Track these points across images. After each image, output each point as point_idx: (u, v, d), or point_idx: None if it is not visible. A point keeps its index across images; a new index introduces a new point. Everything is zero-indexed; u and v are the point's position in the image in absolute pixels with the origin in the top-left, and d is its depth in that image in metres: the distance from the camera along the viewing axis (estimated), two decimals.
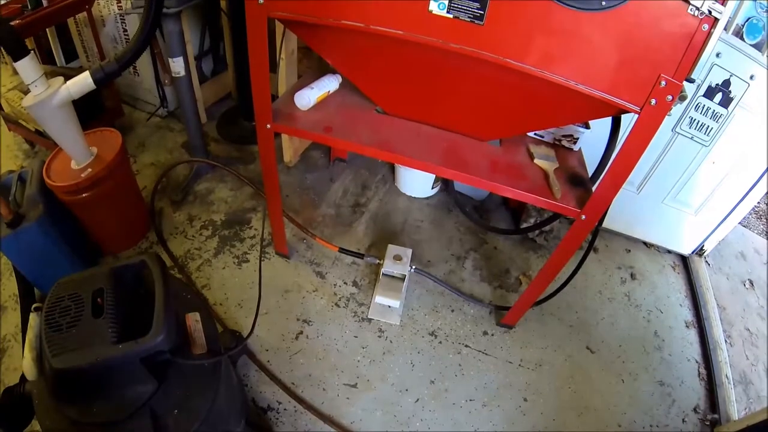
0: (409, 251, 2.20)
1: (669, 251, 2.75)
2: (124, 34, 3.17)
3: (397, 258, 2.16)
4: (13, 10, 3.22)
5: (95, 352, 1.03)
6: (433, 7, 1.21)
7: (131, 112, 3.40)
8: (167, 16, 2.20)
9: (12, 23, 2.58)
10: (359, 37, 1.39)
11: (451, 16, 1.22)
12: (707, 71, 2.04)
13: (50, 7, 2.92)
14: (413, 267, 2.18)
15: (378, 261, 2.22)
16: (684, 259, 2.74)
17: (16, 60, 1.89)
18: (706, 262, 2.71)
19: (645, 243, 2.76)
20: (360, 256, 2.28)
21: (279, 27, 2.15)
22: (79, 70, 2.20)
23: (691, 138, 2.25)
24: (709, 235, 2.60)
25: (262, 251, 2.39)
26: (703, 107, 2.14)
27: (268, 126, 1.67)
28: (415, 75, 1.55)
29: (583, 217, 1.52)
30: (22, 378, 1.26)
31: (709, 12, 1.04)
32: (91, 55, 3.44)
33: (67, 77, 2.14)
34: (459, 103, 1.61)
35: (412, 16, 1.24)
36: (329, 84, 1.80)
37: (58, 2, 2.95)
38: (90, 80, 1.99)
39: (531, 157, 1.70)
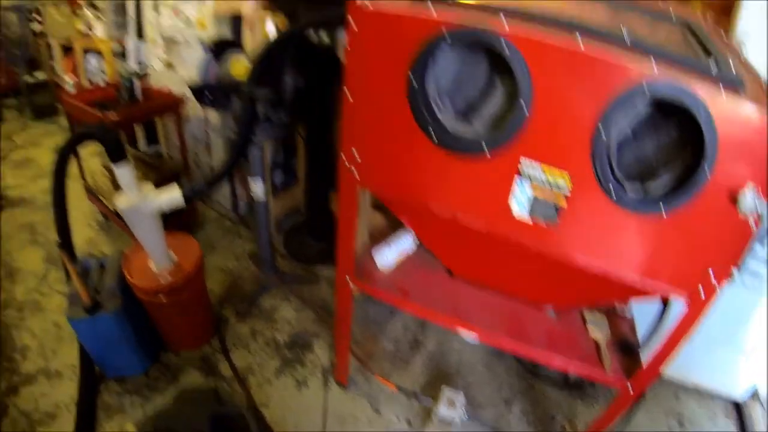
0: (462, 396, 2.27)
1: (721, 396, 2.68)
2: (206, 137, 3.58)
3: (450, 402, 2.24)
4: (109, 94, 3.71)
5: None
6: (514, 207, 1.39)
7: (203, 210, 3.77)
8: (254, 144, 2.50)
9: (109, 114, 3.01)
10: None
11: (528, 217, 1.38)
12: None
13: (146, 105, 3.39)
14: (465, 413, 2.26)
15: (432, 403, 2.32)
16: (737, 405, 2.65)
17: (115, 163, 2.17)
18: (761, 405, 2.61)
19: (695, 388, 2.70)
20: (415, 396, 2.41)
21: None
22: (158, 159, 2.50)
23: (743, 284, 2.27)
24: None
25: (327, 382, 2.54)
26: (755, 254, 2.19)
27: (350, 283, 1.88)
28: (486, 248, 1.72)
29: (631, 390, 1.63)
30: None
31: (757, 210, 1.17)
32: (171, 145, 3.90)
33: (147, 163, 2.44)
34: (523, 274, 1.75)
35: (493, 212, 1.42)
36: (406, 244, 1.99)
37: (154, 102, 3.43)
38: (180, 198, 2.27)
39: (584, 320, 1.80)
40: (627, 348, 1.75)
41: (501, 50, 1.23)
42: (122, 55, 4.83)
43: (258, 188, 2.67)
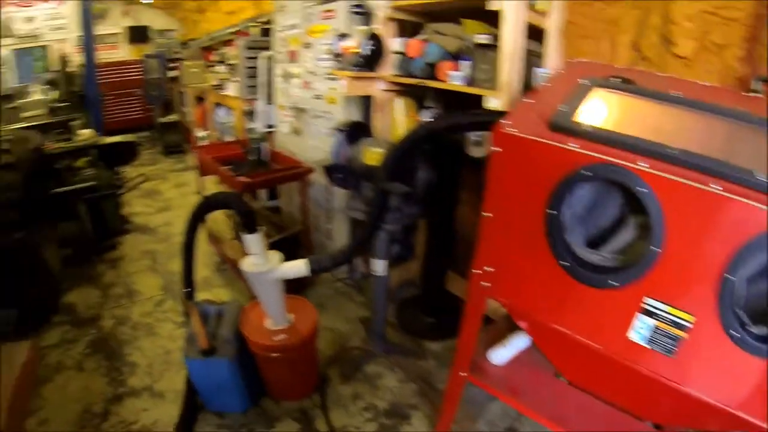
0: None
1: None
2: (327, 203, 3.85)
3: None
4: (238, 152, 4.09)
5: None
6: (633, 336, 1.42)
7: None
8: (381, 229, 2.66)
9: (241, 179, 3.31)
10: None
11: (647, 346, 1.41)
12: None
13: (275, 172, 3.70)
14: None
15: None
16: None
17: (248, 234, 2.38)
18: None
19: None
20: None
21: None
22: (278, 215, 2.65)
23: None
24: None
25: None
26: None
27: (463, 375, 2.00)
28: (600, 363, 1.78)
29: None
30: None
31: None
32: (291, 204, 4.27)
33: (267, 218, 2.58)
34: (632, 389, 1.76)
35: (611, 337, 1.47)
36: (522, 344, 2.11)
37: (283, 169, 3.72)
38: (305, 270, 2.46)
39: None
40: None
41: (635, 188, 1.31)
42: (251, 114, 5.32)
43: (379, 267, 2.83)
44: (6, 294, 3.35)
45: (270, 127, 4.90)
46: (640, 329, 1.42)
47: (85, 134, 5.12)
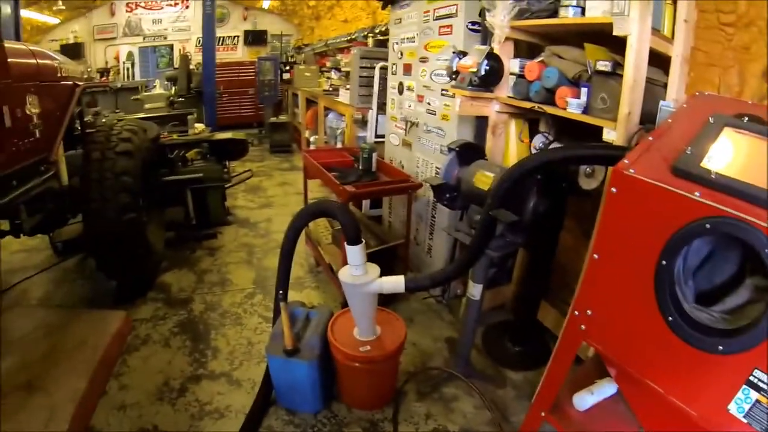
0: None
1: None
2: (432, 218, 3.86)
3: None
4: (346, 160, 4.22)
5: None
6: (732, 406, 1.29)
7: None
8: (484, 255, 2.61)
9: (348, 188, 3.38)
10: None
11: (744, 421, 1.27)
12: None
13: (383, 184, 3.75)
14: None
15: None
16: None
17: (349, 244, 2.44)
18: None
19: None
20: None
21: None
22: (379, 225, 2.69)
23: None
24: None
25: None
26: None
27: (543, 414, 1.94)
28: (691, 427, 1.68)
29: None
30: None
31: None
32: (393, 214, 4.41)
33: (368, 227, 2.61)
34: None
35: (708, 404, 1.35)
36: (607, 391, 2.01)
37: (391, 182, 3.77)
38: (402, 286, 2.46)
39: None
40: None
41: (761, 249, 1.19)
42: (361, 121, 5.45)
43: (476, 291, 2.81)
44: (111, 267, 3.64)
45: (379, 137, 4.99)
46: (741, 402, 1.29)
47: (199, 128, 5.49)
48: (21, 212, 3.06)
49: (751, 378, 1.25)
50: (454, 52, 3.32)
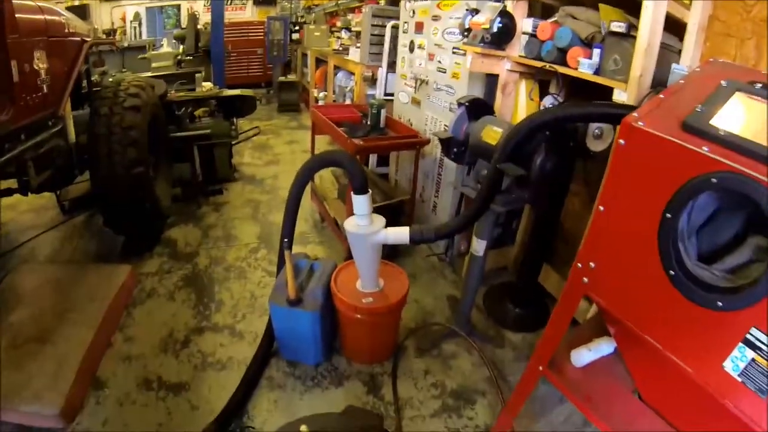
0: None
1: None
2: (438, 176, 3.90)
3: None
4: (355, 116, 4.18)
5: None
6: (728, 364, 1.30)
7: None
8: (489, 210, 2.61)
9: (356, 141, 3.38)
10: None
11: (739, 379, 1.29)
12: None
13: (392, 139, 3.75)
14: None
15: None
16: None
17: (356, 194, 2.45)
18: None
19: None
20: None
21: None
22: (386, 182, 2.71)
23: None
24: None
25: None
26: None
27: (541, 368, 1.96)
28: (684, 389, 1.67)
29: None
30: None
31: None
32: (400, 172, 4.46)
33: (375, 184, 2.63)
34: (714, 426, 1.68)
35: (704, 361, 1.35)
36: (605, 349, 2.03)
37: (400, 137, 3.77)
38: (407, 237, 2.48)
39: None
40: None
41: (764, 204, 1.18)
42: (370, 80, 5.41)
43: (480, 247, 2.83)
44: (118, 221, 3.70)
45: (388, 95, 4.96)
46: (736, 360, 1.30)
47: (207, 87, 5.47)
48: (29, 169, 3.07)
49: (748, 336, 1.25)
50: (467, 10, 3.29)
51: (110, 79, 4.31)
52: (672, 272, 1.37)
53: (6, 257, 3.65)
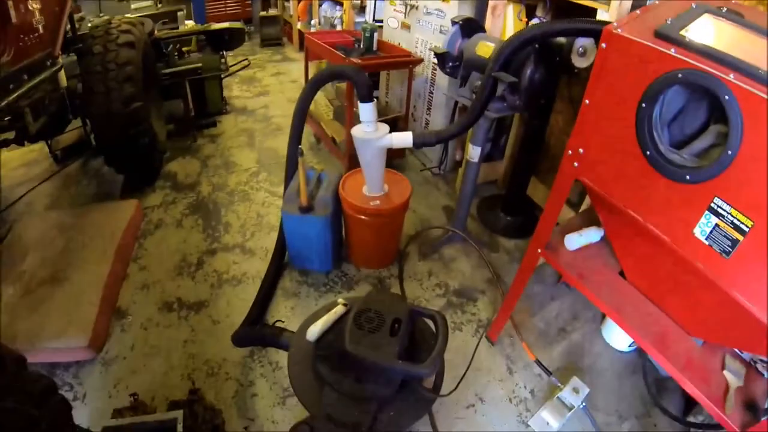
0: (587, 391, 2.46)
1: None
2: (429, 95, 4.06)
3: (575, 390, 2.45)
4: (347, 40, 4.28)
5: (383, 357, 1.67)
6: (697, 231, 1.55)
7: (407, 156, 4.35)
8: (484, 116, 2.81)
9: (353, 59, 3.51)
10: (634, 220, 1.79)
11: (706, 242, 1.53)
12: None
13: (387, 57, 3.86)
14: (584, 405, 2.44)
15: (559, 385, 2.53)
16: None
17: (363, 102, 2.61)
18: None
19: None
20: (548, 373, 2.60)
21: None
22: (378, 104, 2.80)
23: None
24: None
25: (478, 334, 2.82)
26: None
27: (539, 251, 2.21)
28: (663, 266, 1.94)
29: None
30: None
31: None
32: (390, 94, 4.64)
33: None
34: (688, 301, 1.93)
35: (677, 229, 1.60)
36: (594, 236, 2.27)
37: (395, 56, 3.90)
38: (410, 141, 2.64)
39: (723, 365, 1.92)
40: (752, 407, 1.78)
41: (721, 96, 1.38)
42: (360, 7, 5.45)
43: (475, 153, 3.01)
44: (119, 159, 3.73)
45: (378, 21, 5.01)
46: (703, 226, 1.53)
47: (190, 24, 5.54)
48: (26, 115, 3.08)
49: (712, 204, 1.49)
50: None
51: (89, 24, 4.29)
52: (648, 152, 1.60)
53: (5, 213, 3.65)
